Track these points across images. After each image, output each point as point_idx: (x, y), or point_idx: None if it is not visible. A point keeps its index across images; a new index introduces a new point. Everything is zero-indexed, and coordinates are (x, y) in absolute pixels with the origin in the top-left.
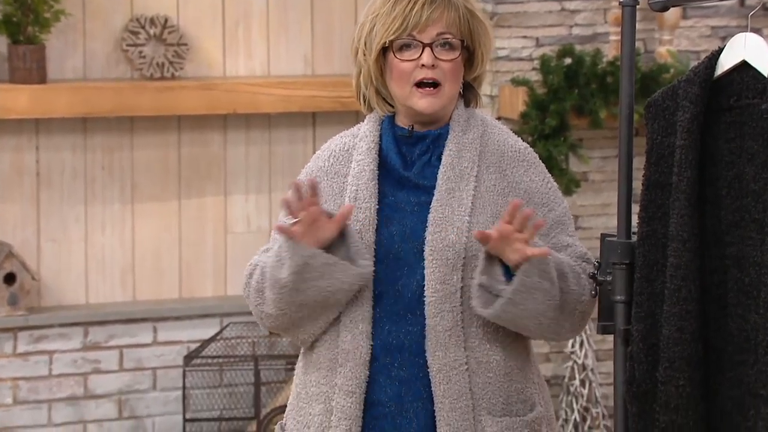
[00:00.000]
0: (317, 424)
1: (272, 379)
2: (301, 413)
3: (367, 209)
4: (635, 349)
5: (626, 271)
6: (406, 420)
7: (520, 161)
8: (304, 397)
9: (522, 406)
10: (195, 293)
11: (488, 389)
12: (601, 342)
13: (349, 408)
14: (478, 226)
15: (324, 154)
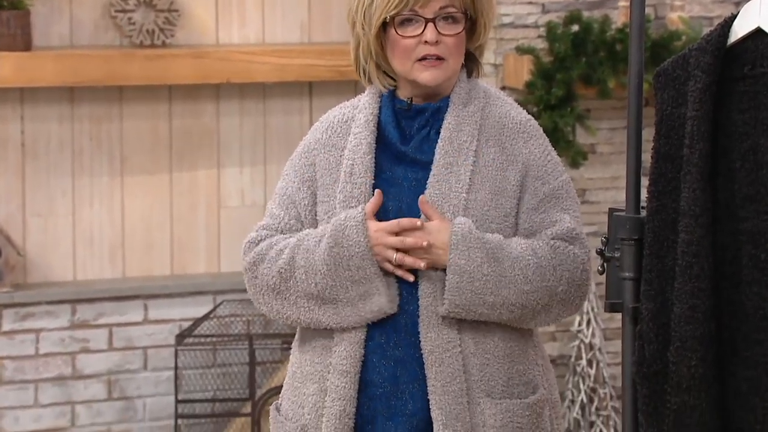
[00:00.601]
0: (312, 404)
1: (267, 359)
2: (296, 393)
3: (362, 184)
4: (645, 328)
5: (635, 247)
6: (401, 401)
7: (520, 133)
8: (299, 376)
9: (524, 388)
10: (187, 270)
11: (486, 371)
12: (609, 320)
13: (343, 388)
14: (475, 203)
15: (322, 125)
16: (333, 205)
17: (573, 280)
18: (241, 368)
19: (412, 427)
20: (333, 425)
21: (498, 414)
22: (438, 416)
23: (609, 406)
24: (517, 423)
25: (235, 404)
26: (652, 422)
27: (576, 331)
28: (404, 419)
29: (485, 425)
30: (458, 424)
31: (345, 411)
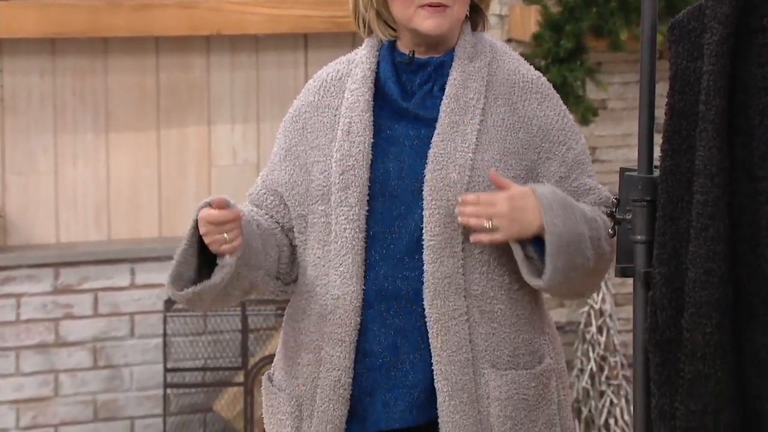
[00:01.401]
0: (306, 375)
1: (261, 326)
2: (290, 363)
3: (360, 143)
4: (658, 294)
5: (647, 208)
6: (402, 372)
7: (532, 93)
8: (293, 346)
9: (530, 358)
10: (176, 232)
11: (492, 340)
12: (620, 285)
13: (338, 358)
14: (482, 164)
15: (314, 85)
16: (329, 165)
17: (612, 249)
18: (233, 335)
19: (413, 399)
20: (328, 396)
21: (503, 386)
22: (443, 387)
23: (620, 375)
24: (523, 394)
25: (226, 373)
26: (664, 392)
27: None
28: (405, 391)
29: (490, 397)
30: (464, 395)
31: (340, 382)
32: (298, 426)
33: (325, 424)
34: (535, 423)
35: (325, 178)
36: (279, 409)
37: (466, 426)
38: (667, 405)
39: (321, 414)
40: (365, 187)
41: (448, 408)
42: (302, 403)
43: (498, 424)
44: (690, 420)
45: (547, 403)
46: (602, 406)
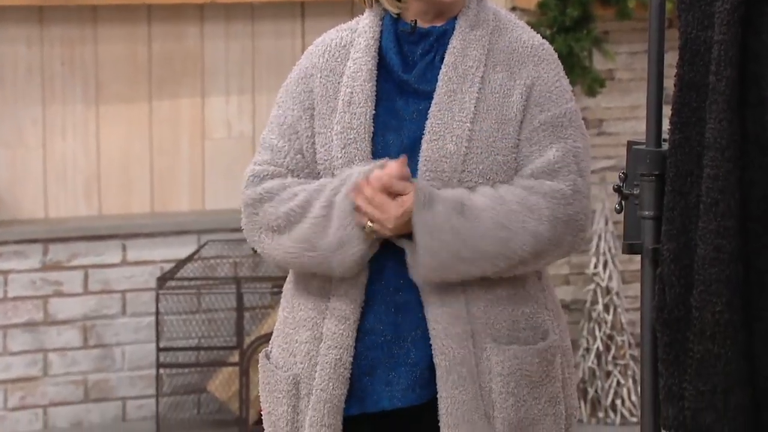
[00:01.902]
0: (304, 353)
1: (256, 304)
2: (288, 340)
3: (362, 114)
4: (666, 271)
5: (656, 183)
6: (403, 350)
7: (530, 57)
8: (291, 322)
9: (532, 333)
10: (169, 207)
11: (490, 313)
12: (628, 262)
13: (340, 335)
14: (480, 134)
15: (318, 49)
16: (330, 137)
17: (556, 218)
18: (227, 314)
19: (416, 377)
20: (327, 375)
21: (505, 360)
22: (441, 362)
23: (627, 355)
24: (526, 370)
25: (221, 353)
26: (672, 372)
27: (591, 273)
28: (407, 369)
29: (491, 372)
30: (463, 370)
31: (341, 360)
32: (295, 405)
33: (323, 403)
34: (538, 400)
35: (327, 152)
36: (276, 387)
37: (466, 401)
38: (676, 385)
39: (319, 393)
40: (369, 161)
41: (446, 383)
42: (300, 382)
43: (500, 401)
44: (699, 401)
45: (551, 381)
46: (609, 386)
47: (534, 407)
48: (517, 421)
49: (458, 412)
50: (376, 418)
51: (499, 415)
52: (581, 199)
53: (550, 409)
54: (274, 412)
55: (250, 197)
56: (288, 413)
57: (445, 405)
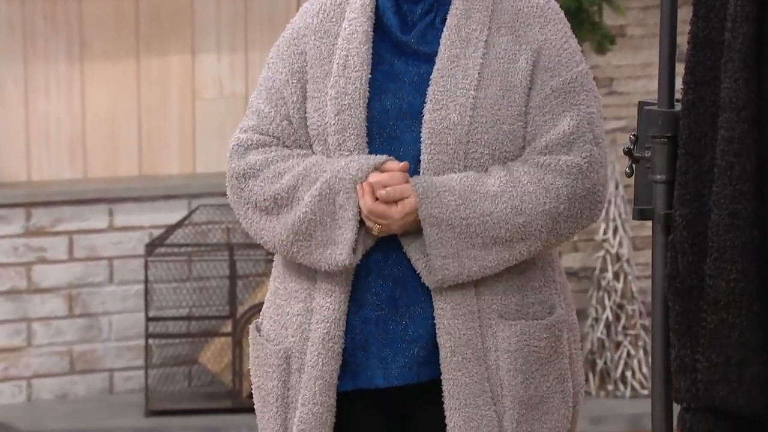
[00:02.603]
0: (296, 326)
1: (250, 272)
2: (279, 312)
3: (357, 79)
4: (679, 238)
5: (668, 145)
6: (401, 326)
7: (536, 18)
8: (283, 293)
9: (540, 308)
10: (158, 170)
11: (498, 289)
12: (639, 228)
13: (328, 309)
14: (485, 101)
15: (313, 8)
16: (323, 102)
17: (574, 195)
18: (220, 282)
19: (413, 355)
20: (317, 350)
21: (512, 337)
22: (446, 342)
23: (637, 325)
24: (534, 346)
25: (213, 323)
26: (685, 343)
27: (601, 240)
28: (404, 345)
29: (498, 349)
30: (468, 351)
31: (330, 334)
32: (286, 380)
33: (314, 379)
34: (546, 377)
35: (320, 117)
36: (266, 361)
37: (470, 384)
38: (688, 357)
39: (310, 368)
40: (363, 128)
41: (450, 364)
42: (291, 356)
43: (508, 378)
44: (712, 373)
45: (558, 357)
46: (618, 357)
47: (543, 384)
48: (527, 399)
49: (462, 395)
50: (372, 395)
51: (508, 393)
52: (598, 170)
53: (558, 386)
54: (264, 386)
55: (235, 171)
56: (278, 388)
57: (449, 387)
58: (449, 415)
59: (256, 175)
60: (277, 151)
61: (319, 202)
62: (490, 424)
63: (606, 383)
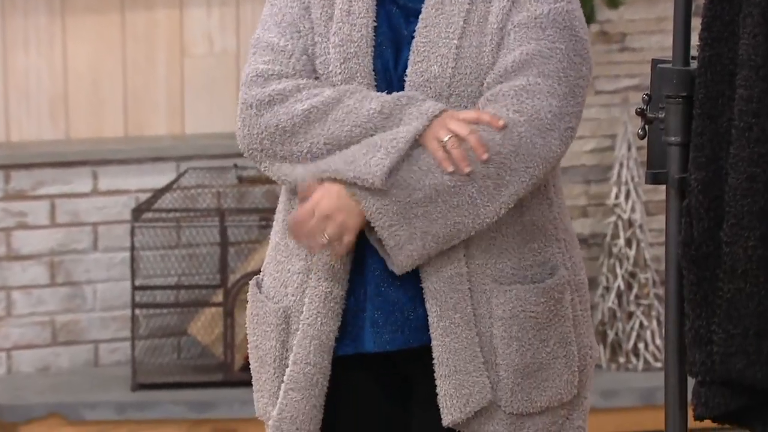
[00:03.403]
0: (296, 284)
1: (242, 239)
2: (279, 269)
3: (363, 26)
4: (694, 203)
5: (683, 105)
6: (392, 288)
7: None
8: (284, 250)
9: (539, 270)
10: (144, 131)
11: (492, 252)
12: (652, 192)
13: (332, 267)
14: (469, 51)
15: None
16: (326, 49)
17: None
18: (210, 249)
19: (404, 319)
20: (316, 309)
21: (507, 303)
22: (432, 306)
23: (651, 294)
24: (531, 311)
25: (203, 292)
26: (700, 313)
27: (612, 205)
28: (395, 309)
29: (492, 316)
30: (456, 316)
31: (332, 293)
32: (285, 340)
33: (310, 339)
34: (545, 342)
35: (323, 65)
36: (264, 320)
37: (459, 350)
38: (704, 328)
39: (307, 328)
40: (371, 77)
41: (438, 330)
42: (290, 315)
43: (502, 346)
44: (729, 345)
45: (559, 320)
46: (630, 329)
47: (542, 350)
48: (522, 367)
49: (451, 362)
50: (370, 360)
51: (502, 361)
52: (542, 98)
53: (560, 351)
54: (262, 346)
55: (256, 98)
56: (276, 349)
57: (438, 353)
58: (440, 383)
59: (285, 99)
60: (309, 82)
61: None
62: (482, 391)
63: (617, 356)
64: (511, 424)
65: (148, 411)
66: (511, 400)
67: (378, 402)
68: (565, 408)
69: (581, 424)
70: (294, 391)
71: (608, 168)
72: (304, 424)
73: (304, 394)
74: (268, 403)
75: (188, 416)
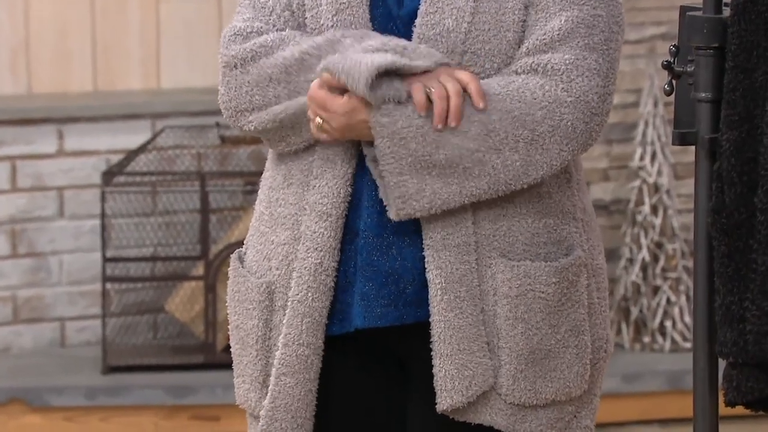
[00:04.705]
0: (282, 256)
1: (225, 206)
2: (263, 240)
3: None
4: (725, 166)
5: (714, 58)
6: (386, 257)
7: None
8: (268, 220)
9: (553, 248)
10: (116, 85)
11: (502, 224)
12: (681, 154)
13: (321, 235)
14: (488, 5)
15: None
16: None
17: (555, 99)
18: (190, 217)
19: (399, 292)
20: (306, 282)
21: (514, 279)
22: (435, 277)
23: (679, 266)
24: (540, 292)
25: (182, 264)
26: (731, 289)
27: (636, 167)
28: (388, 281)
29: (496, 293)
30: (462, 289)
31: (323, 266)
32: (268, 318)
33: (301, 317)
34: (555, 329)
35: (314, 18)
36: (246, 296)
37: (463, 327)
38: (735, 304)
39: (297, 304)
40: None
41: (441, 304)
42: (274, 291)
43: (506, 327)
44: (763, 323)
45: (573, 306)
46: (656, 305)
47: (550, 336)
48: (528, 352)
49: (454, 340)
50: (359, 339)
51: (505, 344)
52: (590, 76)
53: (571, 340)
54: (243, 325)
55: (238, 56)
56: (259, 328)
57: (438, 330)
58: (439, 363)
59: (270, 52)
60: (293, 32)
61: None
62: (485, 374)
63: (641, 335)
64: (511, 415)
65: (120, 396)
66: (512, 389)
67: (369, 386)
68: (573, 404)
69: (589, 424)
70: (287, 376)
71: (632, 126)
72: (300, 412)
73: (298, 379)
74: (250, 389)
75: (165, 402)
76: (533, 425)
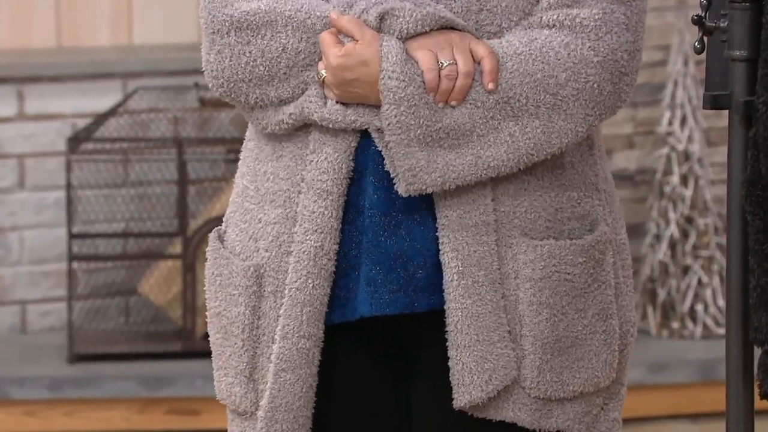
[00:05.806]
0: (272, 237)
1: (205, 176)
2: (248, 219)
3: None
4: (762, 132)
5: (750, 12)
6: (394, 239)
7: None
8: (254, 195)
9: (577, 224)
10: (82, 41)
11: (524, 198)
12: (714, 118)
13: (321, 215)
14: None
15: None
16: None
17: (580, 57)
18: (166, 188)
19: (408, 277)
20: (305, 268)
21: (538, 260)
22: (451, 260)
23: (712, 244)
24: (566, 273)
25: (157, 242)
26: (767, 268)
27: (665, 133)
28: (396, 264)
29: (518, 276)
30: (480, 273)
31: (323, 249)
32: (256, 305)
33: (300, 306)
34: (583, 314)
35: None
36: (230, 281)
37: (482, 315)
38: None
39: (295, 293)
40: None
41: (458, 289)
42: (263, 275)
43: (530, 314)
44: None
45: (600, 287)
46: (687, 287)
47: (577, 323)
48: (553, 341)
49: (473, 329)
50: (362, 327)
51: (528, 333)
52: (619, 32)
53: (599, 325)
54: (227, 313)
55: (226, 21)
56: (246, 316)
57: (455, 319)
58: (456, 355)
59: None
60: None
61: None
62: (507, 366)
63: (670, 320)
64: (536, 410)
65: (88, 388)
66: (537, 381)
67: (372, 378)
68: (601, 395)
69: (617, 417)
70: (287, 372)
71: (660, 87)
72: (301, 411)
73: (299, 375)
74: (234, 383)
75: (139, 394)
76: (560, 420)
